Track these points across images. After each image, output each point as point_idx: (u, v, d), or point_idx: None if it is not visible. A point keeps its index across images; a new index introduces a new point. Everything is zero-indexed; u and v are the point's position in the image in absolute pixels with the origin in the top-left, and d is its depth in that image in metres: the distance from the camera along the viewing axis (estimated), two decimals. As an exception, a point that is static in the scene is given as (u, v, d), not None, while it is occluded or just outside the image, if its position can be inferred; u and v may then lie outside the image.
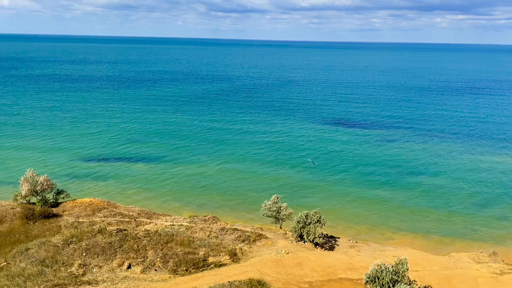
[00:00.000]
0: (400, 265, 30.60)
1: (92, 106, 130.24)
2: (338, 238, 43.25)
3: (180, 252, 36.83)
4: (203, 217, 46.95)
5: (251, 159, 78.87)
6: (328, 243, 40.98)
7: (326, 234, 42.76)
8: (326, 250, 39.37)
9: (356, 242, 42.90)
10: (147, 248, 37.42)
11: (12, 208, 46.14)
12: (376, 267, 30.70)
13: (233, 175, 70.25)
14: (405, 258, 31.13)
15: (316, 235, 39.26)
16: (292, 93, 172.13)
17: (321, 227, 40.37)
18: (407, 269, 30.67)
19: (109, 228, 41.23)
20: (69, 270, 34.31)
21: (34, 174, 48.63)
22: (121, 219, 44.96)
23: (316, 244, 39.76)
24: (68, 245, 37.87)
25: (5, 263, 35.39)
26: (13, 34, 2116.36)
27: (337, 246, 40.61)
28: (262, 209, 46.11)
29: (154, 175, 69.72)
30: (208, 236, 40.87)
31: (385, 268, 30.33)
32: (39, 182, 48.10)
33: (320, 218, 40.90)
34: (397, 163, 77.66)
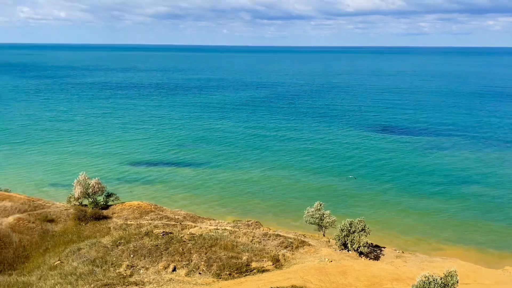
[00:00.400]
0: (449, 277, 29.34)
1: (141, 112, 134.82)
2: (384, 247, 42.10)
3: (224, 256, 37.22)
4: (246, 222, 47.22)
5: (295, 167, 78.53)
6: (373, 252, 39.98)
7: (371, 243, 41.73)
8: (371, 260, 38.43)
9: (403, 252, 41.59)
10: (192, 252, 38.10)
11: (66, 209, 48.47)
12: (424, 279, 29.59)
13: (277, 181, 70.26)
14: (455, 270, 29.82)
15: (361, 244, 38.42)
16: (337, 99, 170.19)
17: (365, 236, 39.45)
18: (457, 282, 29.36)
19: (155, 231, 42.36)
20: (117, 270, 35.54)
21: (86, 178, 50.87)
22: (167, 222, 46.09)
23: (361, 253, 38.90)
24: (117, 246, 39.24)
25: (59, 261, 37.20)
26: (69, 44, 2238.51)
27: (382, 256, 39.55)
28: (304, 215, 45.75)
29: (200, 180, 71.00)
30: (251, 241, 41.05)
31: (433, 280, 29.18)
32: (90, 185, 50.26)
33: (364, 226, 40.01)
34: (449, 172, 74.66)
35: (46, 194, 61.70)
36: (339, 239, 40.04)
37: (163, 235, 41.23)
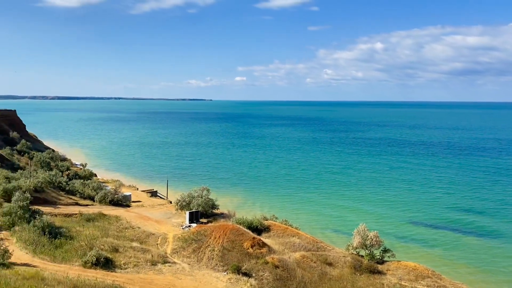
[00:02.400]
0: None
1: (428, 172, 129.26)
2: None
3: None
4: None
5: None
6: None
7: None
8: None
9: None
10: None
11: (344, 256, 50.65)
12: None
13: None
14: None
15: None
16: None
17: None
18: None
19: (431, 300, 38.94)
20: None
21: (365, 229, 52.05)
22: (445, 294, 41.75)
23: None
24: (388, 305, 37.97)
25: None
26: (363, 101, 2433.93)
27: None
28: None
29: (489, 254, 61.81)
30: None
31: None
32: (369, 237, 51.02)
33: None
34: None
35: (327, 237, 66.08)
36: None
37: (439, 307, 37.44)
